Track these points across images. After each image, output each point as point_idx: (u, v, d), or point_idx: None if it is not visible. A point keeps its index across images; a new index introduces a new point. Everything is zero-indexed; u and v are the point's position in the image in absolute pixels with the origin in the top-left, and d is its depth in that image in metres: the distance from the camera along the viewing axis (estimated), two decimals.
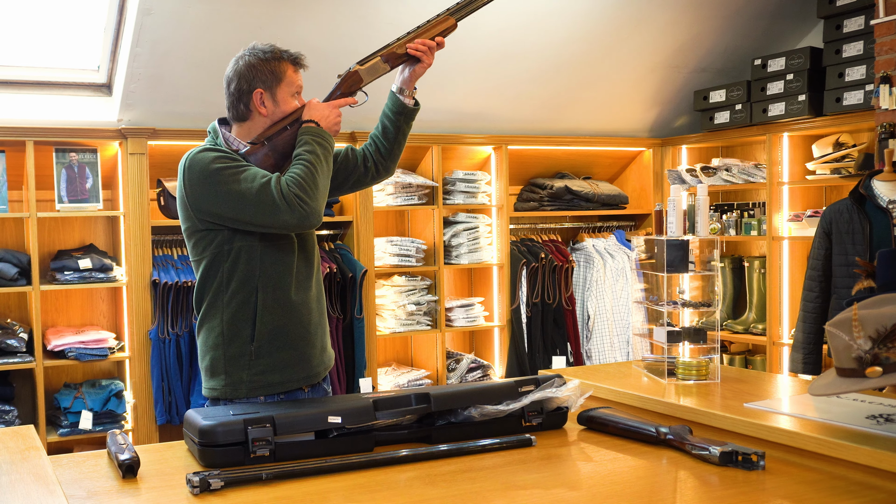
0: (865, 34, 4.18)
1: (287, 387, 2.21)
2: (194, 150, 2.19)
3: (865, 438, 1.68)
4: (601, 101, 4.99)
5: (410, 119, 2.36)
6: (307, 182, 2.09)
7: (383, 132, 2.39)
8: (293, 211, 2.06)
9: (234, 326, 2.18)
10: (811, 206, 4.68)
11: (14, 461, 1.68)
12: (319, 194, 2.11)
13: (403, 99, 2.33)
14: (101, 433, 3.94)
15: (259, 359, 2.18)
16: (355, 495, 1.56)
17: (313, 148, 2.16)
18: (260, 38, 3.82)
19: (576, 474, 1.72)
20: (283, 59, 2.22)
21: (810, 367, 3.54)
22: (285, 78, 2.21)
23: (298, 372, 2.23)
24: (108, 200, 4.29)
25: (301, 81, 2.26)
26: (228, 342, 2.18)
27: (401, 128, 2.37)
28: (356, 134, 4.43)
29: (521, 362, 4.79)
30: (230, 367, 2.18)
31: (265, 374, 2.18)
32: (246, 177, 2.09)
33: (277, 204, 2.05)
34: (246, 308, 2.17)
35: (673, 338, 2.37)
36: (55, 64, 4.01)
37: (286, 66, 2.22)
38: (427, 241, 4.74)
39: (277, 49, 2.23)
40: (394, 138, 2.38)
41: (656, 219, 2.51)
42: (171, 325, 4.04)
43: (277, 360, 2.19)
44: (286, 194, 2.05)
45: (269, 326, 2.18)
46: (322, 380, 2.32)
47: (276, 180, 2.08)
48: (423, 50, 2.24)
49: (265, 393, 2.18)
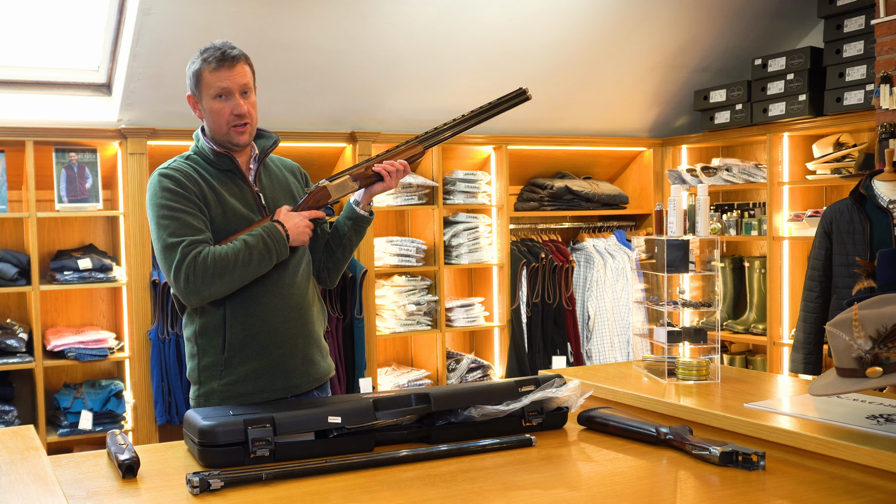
0: (866, 34, 4.18)
1: (261, 397, 2.19)
2: (166, 163, 2.24)
3: (865, 438, 1.68)
4: (601, 101, 4.99)
5: (360, 227, 2.37)
6: (218, 266, 2.09)
7: (333, 234, 2.40)
8: (178, 281, 2.09)
9: (205, 336, 2.20)
10: (811, 206, 4.68)
11: (14, 461, 1.68)
12: (221, 283, 2.10)
13: (357, 209, 2.35)
14: (101, 433, 3.94)
15: (229, 368, 2.18)
16: (355, 495, 1.55)
17: (257, 244, 2.13)
18: (260, 38, 3.86)
19: (576, 474, 1.72)
20: (204, 61, 2.19)
21: (811, 368, 3.54)
22: (203, 80, 2.20)
23: (273, 382, 2.21)
24: (108, 200, 4.28)
25: (224, 82, 2.17)
26: (202, 352, 2.21)
27: (349, 234, 2.37)
28: (356, 134, 4.43)
29: (521, 362, 4.79)
30: (203, 376, 2.21)
31: (236, 384, 2.18)
32: (170, 226, 2.12)
33: (173, 267, 2.09)
34: (214, 317, 2.18)
35: (673, 338, 2.37)
36: (55, 64, 4.01)
37: (203, 69, 2.19)
38: (427, 241, 4.74)
39: (203, 52, 2.20)
40: (342, 242, 2.38)
41: (656, 219, 2.51)
42: (171, 325, 4.04)
43: (248, 369, 2.19)
44: (186, 264, 2.08)
45: (239, 336, 2.18)
46: (309, 392, 2.27)
47: (189, 246, 2.09)
48: (391, 171, 2.27)
49: (237, 403, 2.16)
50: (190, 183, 2.17)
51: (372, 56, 4.17)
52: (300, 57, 4.03)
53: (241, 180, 2.25)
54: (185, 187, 2.16)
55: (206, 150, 2.25)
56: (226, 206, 2.19)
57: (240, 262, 2.10)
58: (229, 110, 2.19)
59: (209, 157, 2.24)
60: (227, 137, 2.22)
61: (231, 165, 2.24)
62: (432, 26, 4.12)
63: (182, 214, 2.13)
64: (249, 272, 2.13)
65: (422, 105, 4.58)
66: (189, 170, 2.21)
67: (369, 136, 4.47)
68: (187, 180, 2.17)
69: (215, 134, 2.23)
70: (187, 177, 2.18)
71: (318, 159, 4.48)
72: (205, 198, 2.18)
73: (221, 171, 2.24)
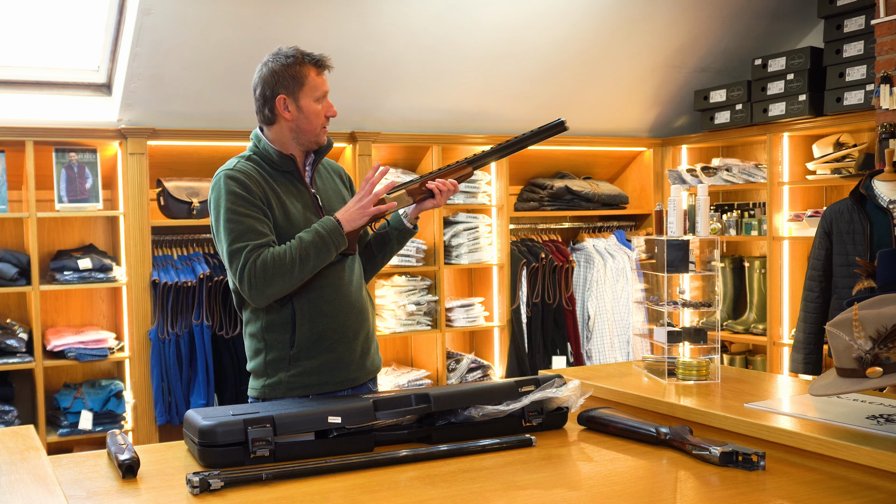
0: (866, 34, 4.17)
1: (324, 388, 2.26)
2: (231, 161, 2.25)
3: (865, 438, 1.68)
4: (601, 101, 4.99)
5: (404, 237, 2.44)
6: (277, 266, 2.12)
7: (377, 239, 2.46)
8: (243, 285, 2.14)
9: (273, 332, 2.24)
10: (811, 206, 4.68)
11: (14, 461, 1.68)
12: (283, 281, 2.14)
13: (405, 221, 2.41)
14: (101, 433, 3.94)
15: (296, 363, 2.24)
16: (355, 495, 1.55)
17: (313, 238, 2.17)
18: (260, 38, 3.85)
19: (576, 474, 1.72)
20: (306, 62, 2.23)
21: (811, 368, 3.54)
22: (307, 82, 2.23)
23: (336, 375, 2.27)
24: (108, 200, 4.29)
25: (326, 86, 2.29)
26: (269, 348, 2.24)
27: (392, 243, 2.45)
28: (356, 134, 4.43)
29: (521, 362, 4.79)
30: (269, 369, 2.25)
31: (302, 375, 2.24)
32: (234, 229, 2.15)
33: (237, 271, 2.14)
34: (282, 315, 2.22)
35: (673, 338, 2.37)
36: (55, 64, 4.01)
37: (308, 70, 2.24)
38: (427, 241, 4.74)
39: (300, 53, 2.24)
40: (384, 248, 2.46)
41: (656, 219, 2.51)
42: (171, 325, 4.04)
43: (314, 364, 2.24)
44: (248, 267, 2.12)
45: (307, 334, 2.23)
46: (364, 384, 2.36)
47: (253, 250, 2.12)
48: (443, 189, 2.33)
49: (302, 393, 2.23)
50: (254, 186, 2.20)
51: (372, 56, 4.17)
52: None
53: (299, 182, 2.29)
54: (250, 190, 2.18)
55: (271, 151, 2.26)
56: (287, 208, 2.23)
57: (298, 258, 2.13)
58: (325, 112, 2.28)
59: (272, 159, 2.26)
60: (317, 137, 2.28)
61: (292, 167, 2.27)
62: (432, 26, 4.12)
63: (246, 219, 2.15)
64: (309, 266, 2.16)
65: (422, 105, 4.58)
66: (253, 171, 2.23)
67: (369, 136, 4.47)
68: (252, 183, 2.19)
69: (306, 134, 2.26)
70: (252, 179, 2.20)
71: None
72: (268, 200, 2.21)
73: (281, 173, 2.27)
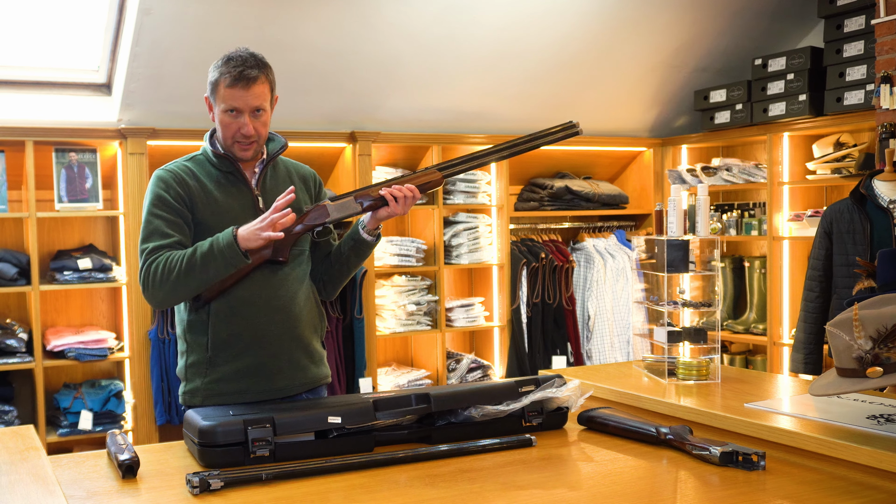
0: (866, 34, 4.17)
1: (244, 397, 2.17)
2: (168, 164, 2.26)
3: (866, 438, 1.68)
4: (601, 101, 4.99)
5: (361, 250, 2.30)
6: (167, 271, 2.09)
7: (335, 250, 2.35)
8: (140, 285, 2.16)
9: (192, 334, 2.20)
10: (812, 206, 4.68)
11: (14, 461, 1.68)
12: (172, 287, 2.10)
13: (361, 231, 2.27)
14: (101, 433, 3.93)
15: (214, 367, 2.18)
16: (355, 495, 1.55)
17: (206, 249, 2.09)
18: (260, 38, 3.85)
19: (576, 474, 1.72)
20: (221, 72, 2.17)
21: (811, 367, 3.54)
22: (218, 91, 2.18)
23: (257, 384, 2.18)
24: (108, 200, 4.28)
25: (237, 103, 2.15)
26: (189, 350, 2.22)
27: (347, 254, 2.30)
28: (356, 134, 4.43)
29: (521, 362, 4.79)
30: (189, 373, 2.22)
31: (219, 382, 2.17)
32: (145, 229, 2.17)
33: (139, 270, 2.16)
34: (200, 316, 2.19)
35: (673, 338, 2.37)
36: (55, 64, 4.01)
37: (223, 80, 2.17)
38: (427, 241, 4.74)
39: (226, 61, 2.17)
40: (340, 260, 2.33)
41: (657, 219, 2.51)
42: (171, 325, 4.04)
43: (232, 369, 2.18)
44: (144, 268, 2.13)
45: (223, 335, 2.17)
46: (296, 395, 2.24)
47: (152, 252, 2.12)
48: (398, 196, 2.17)
49: (220, 402, 2.14)
50: (178, 185, 2.19)
51: (372, 56, 4.17)
52: (300, 57, 4.03)
53: (242, 183, 2.26)
54: (169, 191, 2.18)
55: (208, 151, 2.27)
56: (217, 208, 2.20)
57: (185, 265, 2.08)
58: (236, 128, 2.18)
59: (210, 159, 2.26)
60: (230, 150, 2.23)
61: (231, 168, 2.25)
62: (432, 26, 4.12)
63: (157, 220, 2.16)
64: (195, 274, 2.08)
65: (422, 105, 4.58)
66: (183, 171, 2.23)
67: (369, 136, 4.47)
68: (176, 182, 2.19)
69: (224, 140, 2.24)
70: (177, 178, 2.20)
71: (317, 159, 4.48)
72: (192, 199, 2.19)
73: (223, 173, 2.25)
